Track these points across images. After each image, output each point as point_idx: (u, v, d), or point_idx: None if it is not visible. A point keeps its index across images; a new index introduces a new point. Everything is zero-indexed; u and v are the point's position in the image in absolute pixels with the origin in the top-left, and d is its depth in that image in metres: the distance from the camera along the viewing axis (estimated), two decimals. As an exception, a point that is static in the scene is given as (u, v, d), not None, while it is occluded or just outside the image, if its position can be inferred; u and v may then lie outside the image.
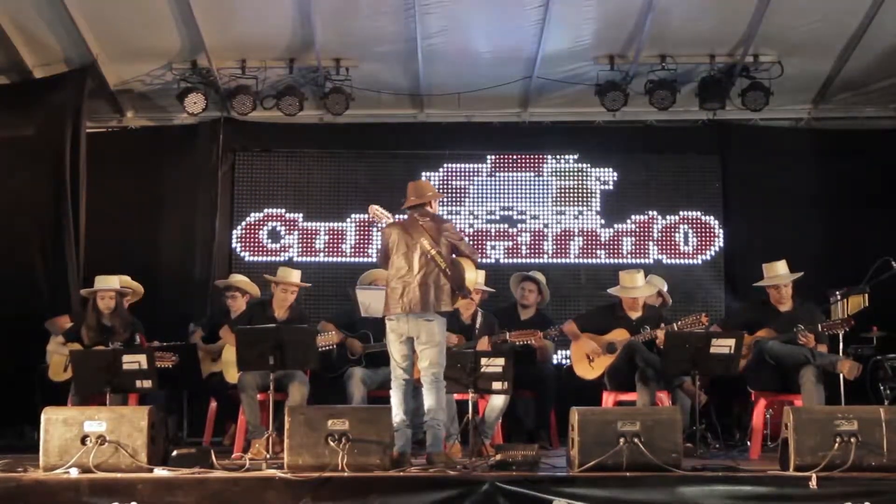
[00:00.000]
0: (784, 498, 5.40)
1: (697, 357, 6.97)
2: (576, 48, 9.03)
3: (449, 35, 8.80)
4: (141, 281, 8.44)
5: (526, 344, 7.86)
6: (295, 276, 7.93)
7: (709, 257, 9.89)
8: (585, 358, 7.84)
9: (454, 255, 6.53)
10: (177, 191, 9.94)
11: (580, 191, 10.01)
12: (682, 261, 9.85)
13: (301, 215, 9.97)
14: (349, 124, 9.90)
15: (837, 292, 7.73)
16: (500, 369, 6.52)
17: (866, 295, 7.52)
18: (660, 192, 10.02)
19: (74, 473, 5.64)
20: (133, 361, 6.83)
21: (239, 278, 8.86)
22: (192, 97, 9.27)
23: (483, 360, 6.52)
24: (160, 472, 5.69)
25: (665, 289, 8.43)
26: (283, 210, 9.98)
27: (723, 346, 6.96)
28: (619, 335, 7.76)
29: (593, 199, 10.01)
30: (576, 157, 10.01)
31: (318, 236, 9.97)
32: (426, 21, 8.59)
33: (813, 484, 5.37)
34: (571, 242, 9.95)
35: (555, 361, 8.74)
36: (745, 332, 7.23)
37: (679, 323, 7.58)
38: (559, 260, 9.90)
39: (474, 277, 6.75)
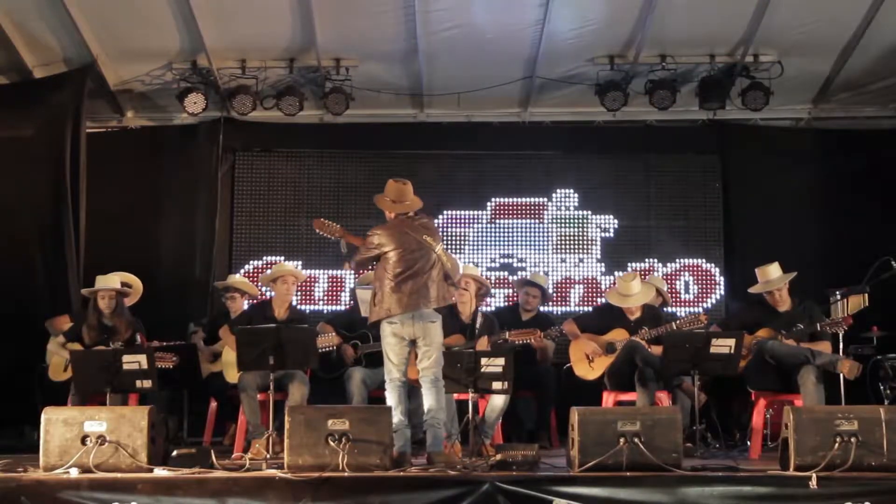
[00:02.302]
0: (784, 498, 5.39)
1: (697, 357, 6.97)
2: (576, 48, 9.03)
3: (449, 35, 8.79)
4: (141, 281, 8.44)
5: (526, 343, 7.86)
6: (289, 267, 7.98)
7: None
8: (585, 358, 7.84)
9: None
10: (177, 191, 9.95)
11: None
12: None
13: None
14: (349, 124, 9.90)
15: (837, 292, 7.72)
16: (500, 369, 6.50)
17: (866, 295, 7.51)
18: (659, 193, 10.03)
19: (74, 473, 5.64)
20: (133, 361, 6.84)
21: (238, 279, 8.91)
22: (192, 97, 9.27)
23: (483, 360, 6.51)
24: (160, 472, 5.69)
25: (665, 288, 8.44)
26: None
27: (723, 346, 6.96)
28: (619, 335, 7.76)
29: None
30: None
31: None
32: (426, 21, 8.59)
33: (813, 484, 5.36)
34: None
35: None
36: (745, 332, 7.23)
37: (679, 322, 7.60)
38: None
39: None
